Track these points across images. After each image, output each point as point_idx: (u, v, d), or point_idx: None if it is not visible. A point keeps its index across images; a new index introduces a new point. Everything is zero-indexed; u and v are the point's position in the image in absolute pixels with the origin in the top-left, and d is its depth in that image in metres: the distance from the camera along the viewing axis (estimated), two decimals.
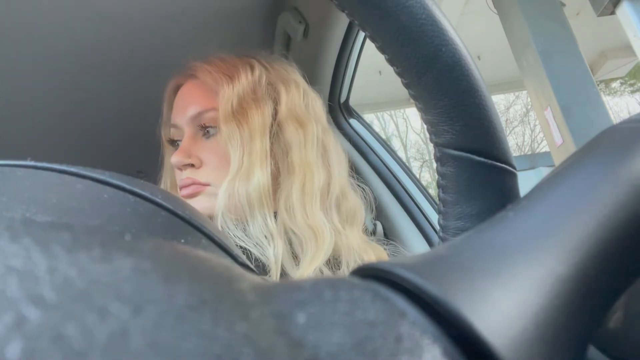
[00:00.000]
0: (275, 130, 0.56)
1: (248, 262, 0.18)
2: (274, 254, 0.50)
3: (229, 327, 0.07)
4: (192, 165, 0.56)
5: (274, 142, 0.56)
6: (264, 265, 0.50)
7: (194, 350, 0.06)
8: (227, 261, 0.14)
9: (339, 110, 0.99)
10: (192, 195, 0.55)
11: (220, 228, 0.52)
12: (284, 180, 0.55)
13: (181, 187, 0.56)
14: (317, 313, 0.08)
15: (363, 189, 0.64)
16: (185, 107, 0.58)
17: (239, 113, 0.54)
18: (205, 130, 0.57)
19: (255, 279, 0.10)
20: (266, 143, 0.54)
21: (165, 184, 0.65)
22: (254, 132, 0.53)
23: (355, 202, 0.59)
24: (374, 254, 0.55)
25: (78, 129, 0.98)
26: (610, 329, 0.16)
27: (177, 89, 0.63)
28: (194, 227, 0.16)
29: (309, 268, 0.48)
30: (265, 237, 0.51)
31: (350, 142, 0.95)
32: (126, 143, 1.11)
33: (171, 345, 0.06)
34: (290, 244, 0.52)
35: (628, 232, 0.11)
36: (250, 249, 0.50)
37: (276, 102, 0.57)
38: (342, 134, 0.97)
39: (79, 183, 0.14)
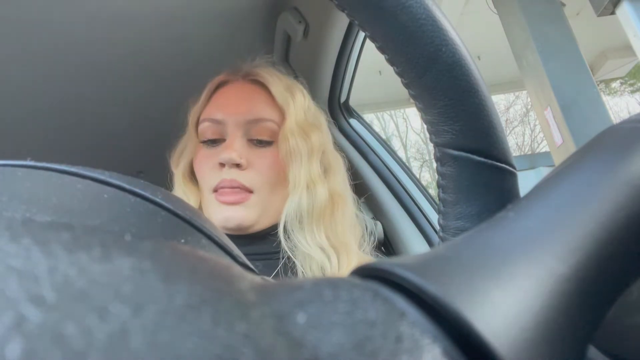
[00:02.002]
0: (322, 155, 0.60)
1: (248, 262, 0.18)
2: (331, 265, 0.53)
3: (229, 327, 0.07)
4: (238, 166, 0.56)
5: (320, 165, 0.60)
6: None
7: (194, 350, 0.06)
8: (227, 261, 0.14)
9: (339, 110, 0.99)
10: (235, 203, 0.55)
11: (282, 232, 0.55)
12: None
13: (222, 187, 0.55)
14: (317, 313, 0.08)
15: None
16: (241, 107, 0.59)
17: (301, 130, 0.58)
18: (259, 137, 0.58)
19: (255, 279, 0.10)
20: (318, 164, 0.59)
21: (180, 174, 0.62)
22: (313, 151, 0.58)
23: (360, 221, 0.65)
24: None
25: (78, 129, 0.98)
26: (609, 329, 0.16)
27: (221, 85, 0.63)
28: (194, 227, 0.16)
29: None
30: (322, 249, 0.55)
31: (350, 142, 0.95)
32: (126, 143, 1.11)
33: (171, 345, 0.06)
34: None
35: (628, 232, 0.11)
36: (314, 256, 0.54)
37: (320, 129, 0.62)
38: (342, 134, 0.97)
39: (79, 183, 0.14)
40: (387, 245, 0.87)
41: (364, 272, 0.10)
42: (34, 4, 0.67)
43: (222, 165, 0.56)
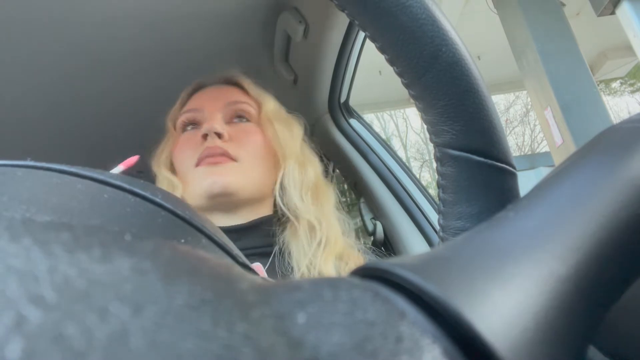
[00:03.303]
0: (301, 149, 0.64)
1: (248, 262, 0.18)
2: (320, 227, 0.56)
3: (229, 327, 0.07)
4: (221, 137, 0.56)
5: None
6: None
7: (194, 350, 0.06)
8: (227, 261, 0.14)
9: (339, 110, 0.99)
10: (220, 162, 0.55)
11: (278, 193, 0.57)
12: None
13: (206, 156, 0.55)
14: (317, 313, 0.08)
15: None
16: (220, 97, 0.61)
17: (281, 118, 0.63)
18: (240, 115, 0.61)
19: (256, 279, 0.10)
20: (302, 150, 0.62)
21: (162, 168, 0.63)
22: (297, 137, 0.62)
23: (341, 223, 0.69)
24: None
25: (78, 129, 0.98)
26: (610, 329, 0.16)
27: (199, 88, 0.66)
28: (194, 227, 0.16)
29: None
30: (309, 212, 0.57)
31: (350, 142, 0.95)
32: (126, 143, 1.11)
33: (171, 345, 0.06)
34: None
35: (628, 232, 0.11)
36: (304, 216, 0.56)
37: (300, 125, 0.66)
38: (342, 134, 0.97)
39: (79, 183, 0.14)
40: (387, 245, 0.87)
41: (364, 272, 0.10)
42: (33, 4, 0.67)
43: (204, 138, 0.56)
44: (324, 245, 0.53)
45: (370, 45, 0.32)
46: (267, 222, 0.57)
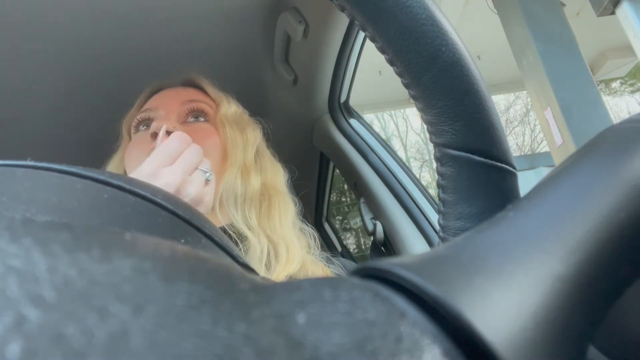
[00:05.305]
0: (257, 153, 0.62)
1: (248, 263, 0.18)
2: (260, 244, 0.53)
3: (229, 327, 0.07)
4: None
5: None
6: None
7: (194, 350, 0.06)
8: (227, 261, 0.14)
9: (339, 110, 0.99)
10: None
11: (217, 205, 0.54)
12: None
13: None
14: (317, 313, 0.08)
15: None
16: (177, 97, 0.60)
17: (236, 122, 0.60)
18: (196, 114, 0.59)
19: (256, 279, 0.10)
20: (253, 155, 0.60)
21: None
22: (248, 143, 0.59)
23: (306, 234, 0.67)
24: None
25: (78, 129, 0.98)
26: (610, 329, 0.16)
27: (157, 90, 0.65)
28: (194, 227, 0.16)
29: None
30: (250, 228, 0.54)
31: (350, 142, 0.95)
32: None
33: (171, 345, 0.06)
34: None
35: (628, 232, 0.11)
36: (243, 233, 0.54)
37: (254, 130, 0.64)
38: (342, 134, 0.97)
39: (78, 183, 0.14)
40: (387, 245, 0.87)
41: (364, 272, 0.10)
42: (34, 3, 0.67)
43: (154, 138, 0.52)
44: (274, 264, 0.50)
45: (370, 45, 0.32)
46: None
